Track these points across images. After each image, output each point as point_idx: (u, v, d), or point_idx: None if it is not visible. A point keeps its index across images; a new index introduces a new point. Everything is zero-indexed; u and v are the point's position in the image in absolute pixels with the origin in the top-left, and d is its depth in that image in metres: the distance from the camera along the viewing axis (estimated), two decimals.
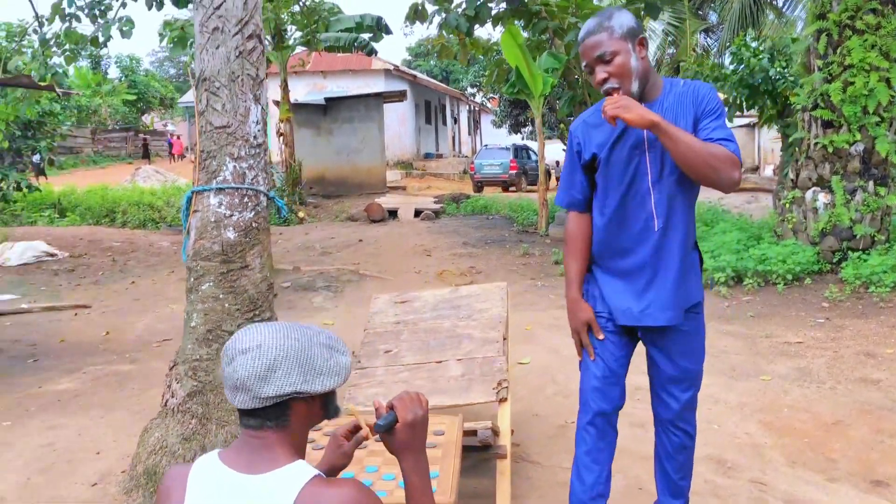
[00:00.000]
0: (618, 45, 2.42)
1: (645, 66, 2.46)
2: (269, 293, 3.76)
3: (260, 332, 1.51)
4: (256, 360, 1.47)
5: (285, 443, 1.53)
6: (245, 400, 1.49)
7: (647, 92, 2.50)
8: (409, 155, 32.83)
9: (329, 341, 1.58)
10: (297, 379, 1.49)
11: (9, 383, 5.37)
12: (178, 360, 3.70)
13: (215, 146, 3.67)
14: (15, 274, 9.79)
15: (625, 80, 2.43)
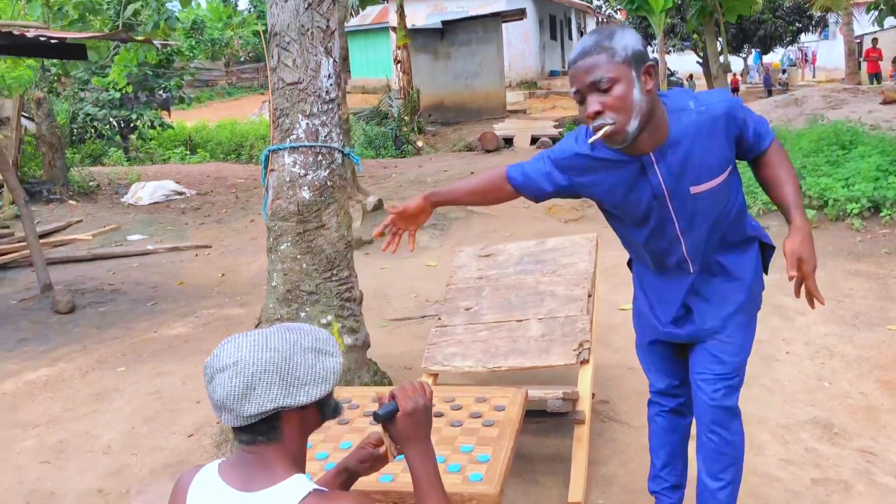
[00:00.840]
0: (619, 71, 1.97)
1: (650, 100, 2.01)
2: (346, 252, 3.73)
3: (238, 346, 1.44)
4: (234, 379, 1.41)
5: (281, 456, 1.47)
6: (230, 419, 1.44)
7: (652, 131, 2.06)
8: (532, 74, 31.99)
9: (316, 343, 1.50)
10: (278, 393, 1.42)
11: (127, 327, 5.70)
12: (262, 319, 3.76)
13: (288, 103, 3.61)
14: (146, 213, 10.34)
15: (622, 116, 1.98)
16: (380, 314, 5.61)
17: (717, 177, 2.15)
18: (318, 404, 1.52)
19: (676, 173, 2.12)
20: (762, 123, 2.25)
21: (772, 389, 4.00)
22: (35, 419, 4.15)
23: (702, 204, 2.17)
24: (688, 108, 2.10)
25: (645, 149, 2.09)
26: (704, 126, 2.09)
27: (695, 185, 2.14)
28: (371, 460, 1.84)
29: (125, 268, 7.67)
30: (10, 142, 10.17)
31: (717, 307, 2.36)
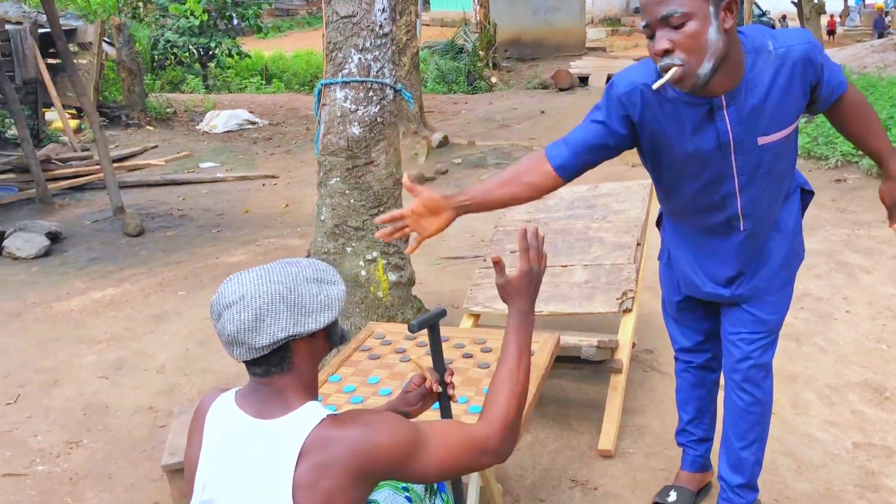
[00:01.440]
0: (694, 5, 1.75)
1: (728, 41, 1.81)
2: (395, 189, 3.74)
3: (242, 282, 1.46)
4: (243, 313, 1.43)
5: (295, 386, 1.50)
6: (242, 353, 1.47)
7: (725, 73, 1.86)
8: (616, 10, 31.01)
9: (317, 274, 1.50)
10: (287, 323, 1.44)
11: (192, 252, 5.88)
12: (311, 251, 3.83)
13: (341, 37, 3.59)
14: (219, 141, 10.55)
15: (694, 57, 1.78)
16: (434, 251, 5.64)
17: (787, 126, 1.98)
18: (327, 332, 1.54)
19: (746, 121, 1.94)
20: (838, 71, 2.08)
21: (825, 349, 3.88)
22: (98, 336, 4.36)
23: (767, 156, 2.01)
24: (766, 49, 1.91)
25: (717, 91, 1.90)
26: (783, 70, 1.91)
27: (763, 136, 1.97)
28: (420, 400, 1.86)
29: (195, 194, 7.88)
30: (91, 66, 10.45)
31: (763, 265, 2.25)
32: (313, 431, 1.42)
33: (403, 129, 9.15)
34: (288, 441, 1.42)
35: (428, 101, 12.66)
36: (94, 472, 3.07)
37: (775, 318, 2.32)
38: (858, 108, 2.14)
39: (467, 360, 2.60)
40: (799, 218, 2.30)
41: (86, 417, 3.49)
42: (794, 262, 2.32)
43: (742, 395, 2.37)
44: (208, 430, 1.52)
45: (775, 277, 2.28)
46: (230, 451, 1.47)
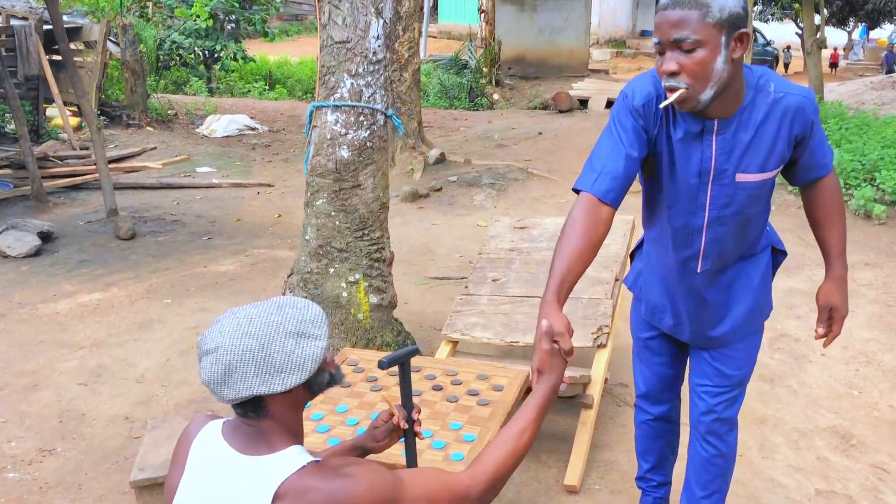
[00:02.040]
0: (707, 33, 1.80)
1: (733, 71, 1.86)
2: (380, 212, 3.79)
3: (221, 331, 1.47)
4: (215, 365, 1.45)
5: (276, 429, 1.51)
6: (218, 398, 1.49)
7: (724, 100, 1.91)
8: (623, 32, 31.15)
9: (300, 327, 1.48)
10: (254, 382, 1.44)
11: (181, 259, 5.92)
12: (294, 270, 3.87)
13: (334, 61, 3.65)
14: (217, 145, 10.59)
15: (698, 83, 1.84)
16: (422, 271, 5.69)
17: (766, 171, 2.02)
18: (304, 385, 1.53)
19: (730, 152, 1.99)
20: (829, 151, 2.14)
21: (797, 392, 3.93)
22: (81, 341, 4.40)
23: (740, 195, 2.04)
24: (766, 89, 1.96)
25: (712, 114, 1.95)
26: (775, 113, 1.96)
27: (742, 173, 2.01)
28: (387, 436, 1.88)
29: (189, 199, 7.91)
30: (95, 65, 10.51)
31: (721, 315, 2.28)
32: (291, 476, 1.43)
33: (401, 144, 9.22)
34: (265, 481, 1.44)
35: (428, 115, 12.72)
36: (65, 481, 3.10)
37: (740, 373, 2.36)
38: (830, 197, 2.19)
39: (436, 392, 2.64)
40: (768, 275, 2.33)
41: (61, 425, 3.53)
42: (757, 319, 2.34)
43: (706, 447, 2.42)
44: (192, 458, 1.54)
45: (737, 331, 2.30)
46: (211, 481, 1.49)
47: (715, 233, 2.11)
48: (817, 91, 12.26)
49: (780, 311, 4.89)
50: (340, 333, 3.69)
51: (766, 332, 4.50)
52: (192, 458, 1.54)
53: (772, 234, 2.35)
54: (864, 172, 7.53)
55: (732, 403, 2.40)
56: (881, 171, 7.32)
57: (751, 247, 2.24)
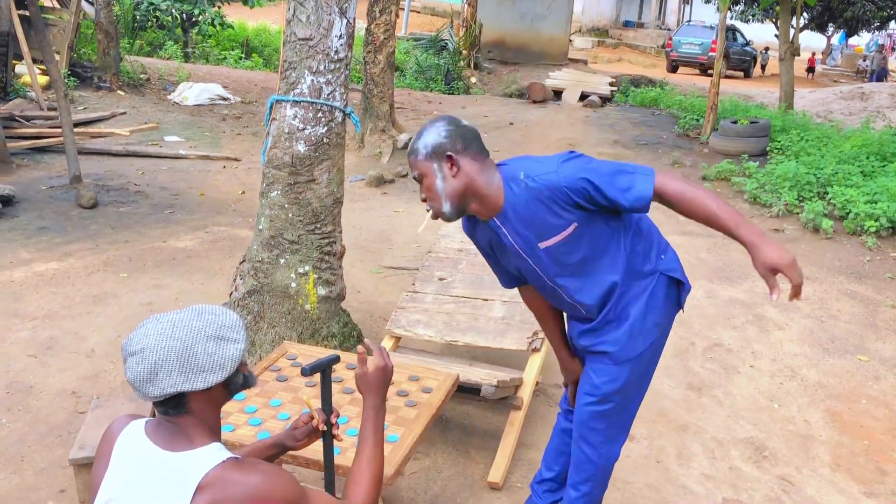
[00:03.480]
0: (423, 167, 2.29)
1: (461, 183, 2.26)
2: (333, 207, 3.89)
3: (147, 334, 1.60)
4: (139, 365, 1.57)
5: (196, 425, 1.63)
6: (140, 396, 1.61)
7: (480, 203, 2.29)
8: (605, 21, 31.24)
9: (220, 331, 1.62)
10: (178, 380, 1.57)
11: (140, 233, 5.98)
12: (247, 258, 3.97)
13: (296, 58, 3.73)
14: (188, 114, 10.57)
15: (435, 203, 2.31)
16: (378, 259, 5.81)
17: (561, 232, 2.27)
18: (223, 384, 1.67)
19: (522, 233, 2.31)
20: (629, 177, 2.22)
21: (721, 402, 4.13)
22: (34, 312, 4.47)
23: (557, 255, 2.32)
24: (518, 179, 2.26)
25: (489, 215, 2.33)
26: (531, 196, 2.24)
27: (542, 241, 2.30)
28: (306, 436, 2.03)
29: (154, 169, 7.94)
30: (68, 25, 10.41)
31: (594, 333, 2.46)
32: (213, 470, 1.56)
33: (371, 126, 9.29)
34: (188, 475, 1.56)
35: (402, 96, 12.77)
36: (7, 453, 3.20)
37: (607, 388, 2.46)
38: (686, 204, 2.22)
39: None
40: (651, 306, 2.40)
41: (8, 396, 3.62)
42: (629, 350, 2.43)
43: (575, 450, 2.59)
44: (116, 454, 1.65)
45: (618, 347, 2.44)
46: (135, 476, 1.60)
47: (565, 281, 2.39)
48: (787, 98, 12.49)
49: (717, 320, 5.10)
50: (287, 323, 3.81)
51: (701, 341, 4.73)
52: (116, 455, 1.65)
53: (666, 261, 2.44)
54: (817, 186, 7.75)
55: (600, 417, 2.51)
56: (833, 186, 7.54)
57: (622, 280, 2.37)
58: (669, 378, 4.31)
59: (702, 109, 11.82)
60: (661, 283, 2.42)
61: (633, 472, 3.43)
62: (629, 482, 3.34)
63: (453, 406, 3.71)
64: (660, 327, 2.45)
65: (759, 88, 20.05)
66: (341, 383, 2.82)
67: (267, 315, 3.83)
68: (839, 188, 7.46)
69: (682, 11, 39.41)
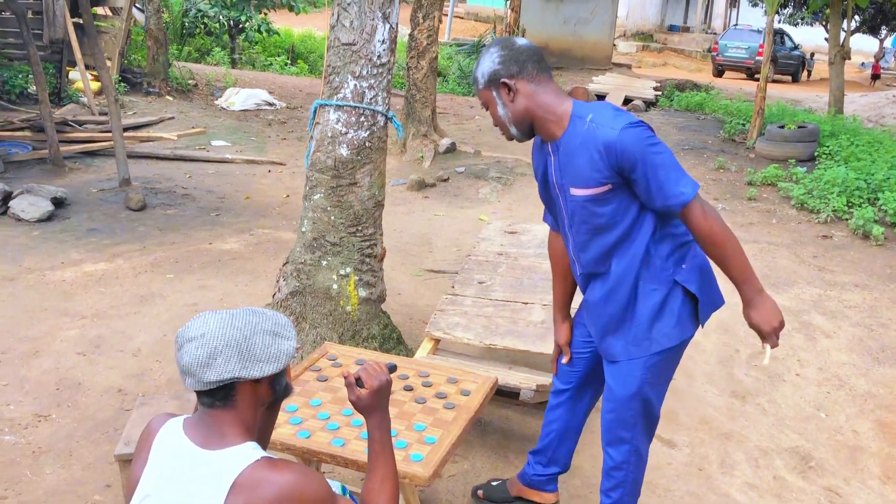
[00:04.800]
0: (484, 96, 2.39)
1: (522, 107, 2.33)
2: (375, 210, 3.92)
3: (206, 321, 1.66)
4: (200, 349, 1.62)
5: (235, 422, 1.67)
6: (192, 383, 1.65)
7: (541, 129, 2.38)
8: (650, 26, 30.95)
9: (275, 328, 1.70)
10: (236, 366, 1.63)
11: (187, 234, 6.09)
12: (289, 259, 4.03)
13: (340, 62, 3.77)
14: (235, 119, 10.74)
15: (501, 128, 2.44)
16: (419, 262, 5.84)
17: (590, 187, 2.29)
18: (271, 381, 1.74)
19: (563, 169, 2.37)
20: (673, 184, 2.22)
21: (766, 410, 4.06)
22: (83, 311, 4.58)
23: (579, 207, 2.36)
24: (584, 118, 2.29)
25: (544, 139, 2.41)
26: (586, 140, 2.26)
27: (574, 187, 2.35)
28: None
29: (202, 172, 8.08)
30: (119, 32, 10.66)
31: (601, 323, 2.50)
32: (247, 469, 1.59)
33: (413, 131, 9.33)
34: (222, 473, 1.60)
35: (445, 101, 12.82)
36: (57, 447, 3.28)
37: (623, 392, 2.47)
38: (700, 236, 2.27)
39: (406, 392, 2.79)
40: (662, 314, 2.38)
41: (58, 392, 3.71)
42: (634, 346, 2.44)
43: (605, 456, 2.64)
44: (154, 451, 1.69)
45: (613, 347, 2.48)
46: (172, 473, 1.65)
47: (575, 238, 2.45)
48: (836, 103, 12.23)
49: None
50: (328, 324, 3.85)
51: (745, 348, 4.66)
52: (155, 451, 1.70)
53: (685, 271, 2.39)
54: (867, 192, 7.59)
55: (622, 424, 2.53)
56: (885, 192, 7.38)
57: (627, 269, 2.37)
58: (712, 385, 4.25)
59: (748, 114, 11.65)
60: (676, 293, 2.39)
61: (675, 479, 3.39)
62: (670, 490, 3.30)
63: (492, 409, 3.71)
64: (669, 338, 2.41)
65: (808, 93, 19.68)
66: None
67: (309, 316, 3.87)
68: (891, 194, 7.29)
69: (728, 15, 38.87)
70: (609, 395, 2.53)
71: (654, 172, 2.21)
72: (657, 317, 2.39)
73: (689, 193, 2.22)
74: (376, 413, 1.90)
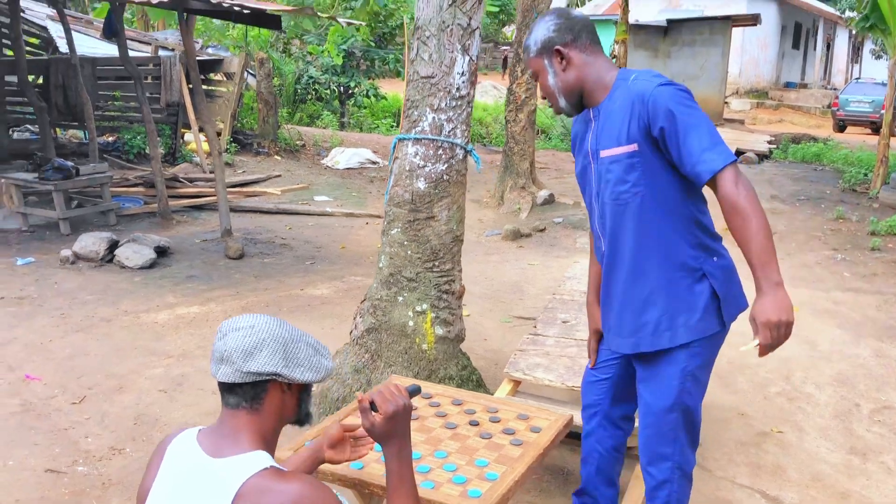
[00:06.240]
0: (536, 64, 2.31)
1: (574, 76, 2.26)
2: (453, 245, 3.80)
3: (256, 317, 1.63)
4: (247, 337, 1.57)
5: (254, 429, 1.60)
6: (228, 372, 1.57)
7: (590, 94, 2.29)
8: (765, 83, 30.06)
9: (316, 344, 1.69)
10: (279, 361, 1.58)
11: (280, 281, 6.14)
12: (367, 296, 3.94)
13: (419, 96, 3.72)
14: (338, 176, 10.99)
15: (552, 98, 2.34)
16: (508, 309, 5.65)
17: (619, 145, 2.18)
18: (301, 395, 1.68)
19: (600, 134, 2.26)
20: (706, 149, 2.05)
21: (891, 470, 3.61)
22: (171, 350, 4.63)
23: (605, 170, 2.24)
24: (627, 80, 2.21)
25: (588, 104, 2.31)
26: (627, 95, 2.18)
27: (604, 149, 2.24)
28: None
29: (301, 224, 8.23)
30: (232, 95, 11.18)
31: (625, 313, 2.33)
32: (253, 478, 1.50)
33: (511, 183, 9.25)
34: (228, 481, 1.51)
35: (546, 157, 12.73)
36: (126, 480, 3.25)
37: (660, 403, 2.30)
38: (732, 206, 2.05)
39: (472, 427, 2.60)
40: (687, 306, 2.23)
41: (135, 427, 3.71)
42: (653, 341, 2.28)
43: (646, 477, 2.44)
44: (166, 462, 1.62)
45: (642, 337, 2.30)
46: (179, 482, 1.57)
47: (602, 209, 2.31)
48: None
49: (887, 381, 4.54)
50: (403, 362, 3.71)
51: (866, 402, 4.20)
52: (166, 462, 1.62)
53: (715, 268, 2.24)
54: None
55: (658, 440, 2.35)
56: None
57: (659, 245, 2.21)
58: (827, 440, 3.83)
59: (870, 163, 10.98)
60: (703, 286, 2.23)
61: None
62: None
63: (574, 458, 3.44)
64: (692, 331, 2.23)
65: None
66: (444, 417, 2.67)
67: (384, 354, 3.75)
68: None
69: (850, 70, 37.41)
70: (645, 410, 2.35)
71: (686, 132, 2.06)
72: (679, 308, 2.23)
73: (720, 162, 2.04)
74: (393, 441, 1.73)
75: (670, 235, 2.21)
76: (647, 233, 2.22)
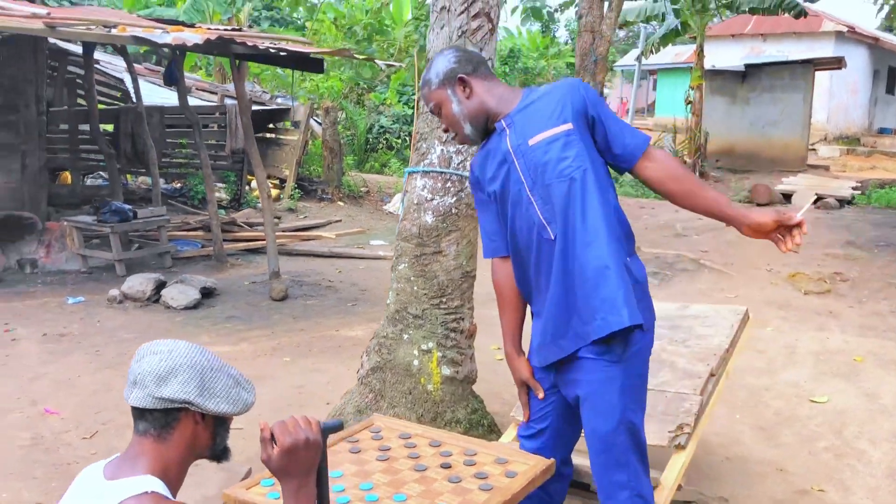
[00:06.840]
0: (438, 96, 2.32)
1: (475, 101, 2.29)
2: (462, 282, 3.65)
3: (178, 343, 1.59)
4: (163, 362, 1.53)
5: (158, 456, 1.54)
6: (139, 397, 1.53)
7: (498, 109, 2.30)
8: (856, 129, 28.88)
9: (239, 377, 1.65)
10: (192, 389, 1.53)
11: (317, 322, 6.10)
12: (375, 334, 3.82)
13: (427, 128, 3.64)
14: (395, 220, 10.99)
15: (456, 128, 2.34)
16: None
17: (556, 126, 2.20)
18: (215, 428, 1.63)
19: (520, 130, 2.25)
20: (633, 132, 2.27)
21: None
22: None
23: (543, 152, 2.20)
24: (540, 87, 2.33)
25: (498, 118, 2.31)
26: (549, 90, 2.27)
27: (532, 137, 2.22)
28: None
29: (352, 268, 8.22)
30: (297, 143, 11.42)
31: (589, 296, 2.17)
32: (130, 499, 1.46)
33: None
34: (107, 501, 1.47)
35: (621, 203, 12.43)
36: None
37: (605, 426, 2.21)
38: (672, 172, 2.25)
39: (442, 469, 2.42)
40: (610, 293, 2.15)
41: None
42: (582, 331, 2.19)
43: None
44: (71, 487, 1.61)
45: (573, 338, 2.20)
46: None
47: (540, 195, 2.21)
48: None
49: None
50: (407, 403, 3.55)
51: None
52: (71, 487, 1.61)
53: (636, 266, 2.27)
54: None
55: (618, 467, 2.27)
56: None
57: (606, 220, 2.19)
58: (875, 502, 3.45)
59: None
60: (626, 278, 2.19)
61: None
62: None
63: None
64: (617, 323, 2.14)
65: None
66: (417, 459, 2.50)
67: (388, 394, 3.60)
68: None
69: None
70: (592, 437, 2.28)
71: (614, 118, 2.27)
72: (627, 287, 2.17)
73: (647, 140, 2.26)
74: (291, 478, 1.57)
75: (616, 210, 2.25)
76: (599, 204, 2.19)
